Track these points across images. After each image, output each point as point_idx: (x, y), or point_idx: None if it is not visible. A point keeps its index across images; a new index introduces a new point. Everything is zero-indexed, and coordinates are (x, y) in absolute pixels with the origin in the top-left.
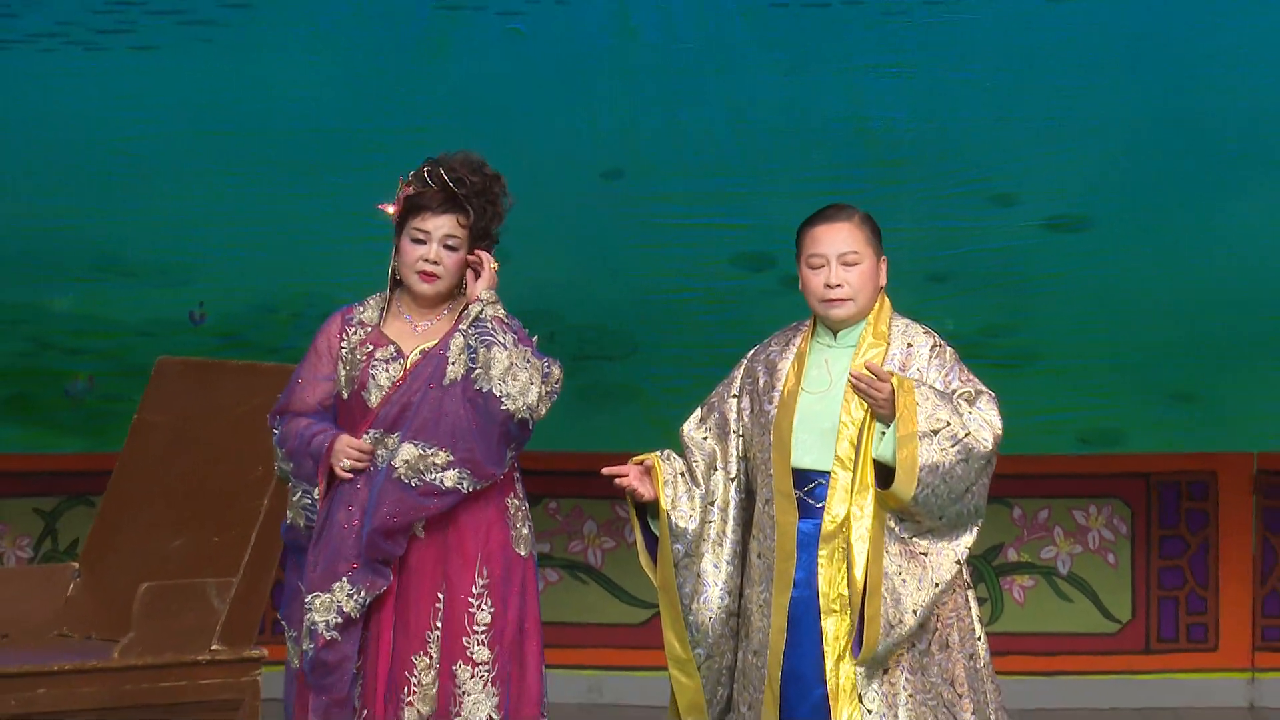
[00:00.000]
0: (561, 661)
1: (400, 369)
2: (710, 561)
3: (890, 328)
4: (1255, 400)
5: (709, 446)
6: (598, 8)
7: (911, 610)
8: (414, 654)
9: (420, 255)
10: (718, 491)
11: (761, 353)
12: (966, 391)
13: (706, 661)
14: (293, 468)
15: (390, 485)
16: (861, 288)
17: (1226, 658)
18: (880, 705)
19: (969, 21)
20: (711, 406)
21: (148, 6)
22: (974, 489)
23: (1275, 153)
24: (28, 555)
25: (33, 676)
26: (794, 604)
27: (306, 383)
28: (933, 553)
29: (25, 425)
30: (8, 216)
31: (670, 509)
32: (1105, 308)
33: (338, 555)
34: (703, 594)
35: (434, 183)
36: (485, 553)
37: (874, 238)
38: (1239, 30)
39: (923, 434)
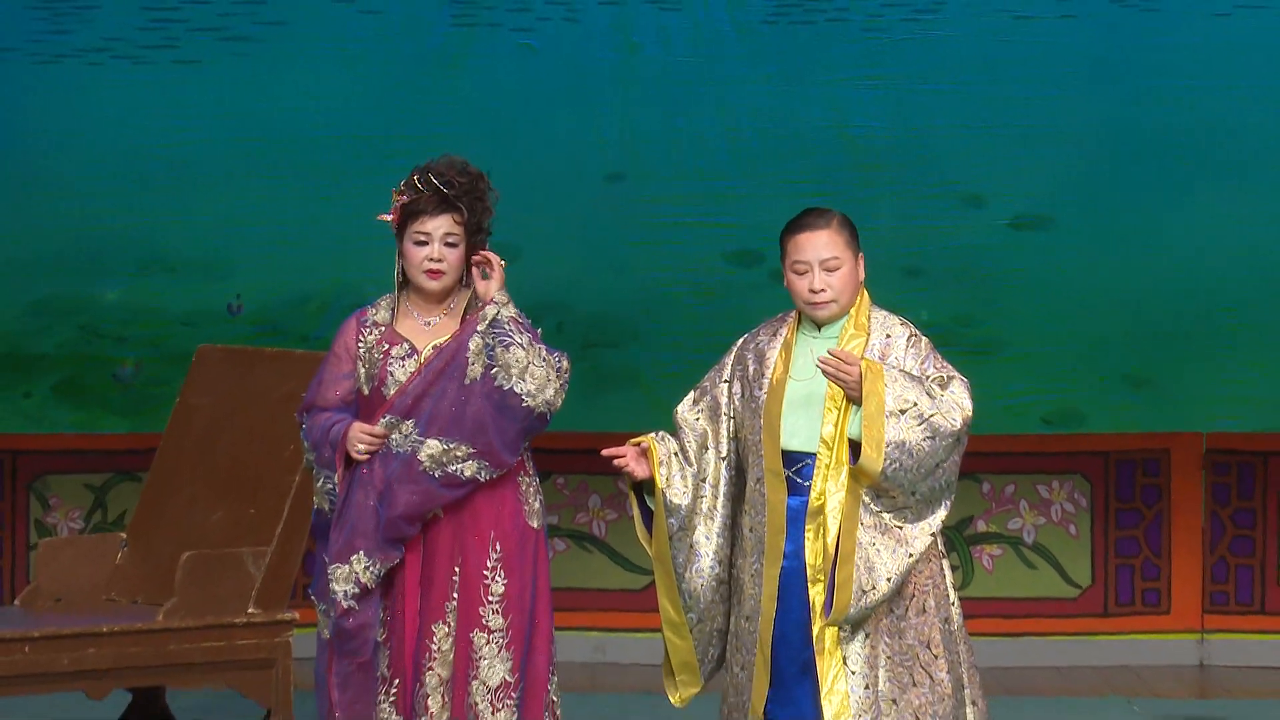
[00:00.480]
0: (568, 624)
1: (415, 365)
2: (702, 534)
3: (870, 319)
4: (1204, 385)
5: (701, 427)
6: (602, 25)
7: (885, 578)
8: (434, 623)
9: (425, 255)
10: (709, 469)
11: (751, 341)
12: (939, 376)
13: (698, 625)
14: (315, 457)
15: (414, 475)
16: (843, 289)
17: (1178, 620)
18: (862, 666)
19: (942, 38)
20: (704, 390)
21: (189, 24)
22: (944, 465)
23: (1220, 159)
24: (79, 526)
25: (84, 637)
26: (783, 574)
27: (329, 382)
28: (907, 527)
29: (77, 407)
30: (61, 217)
31: (665, 487)
32: (1066, 300)
33: (355, 531)
34: (695, 564)
35: (425, 188)
36: (499, 528)
37: (852, 240)
38: (1187, 50)
39: (890, 412)
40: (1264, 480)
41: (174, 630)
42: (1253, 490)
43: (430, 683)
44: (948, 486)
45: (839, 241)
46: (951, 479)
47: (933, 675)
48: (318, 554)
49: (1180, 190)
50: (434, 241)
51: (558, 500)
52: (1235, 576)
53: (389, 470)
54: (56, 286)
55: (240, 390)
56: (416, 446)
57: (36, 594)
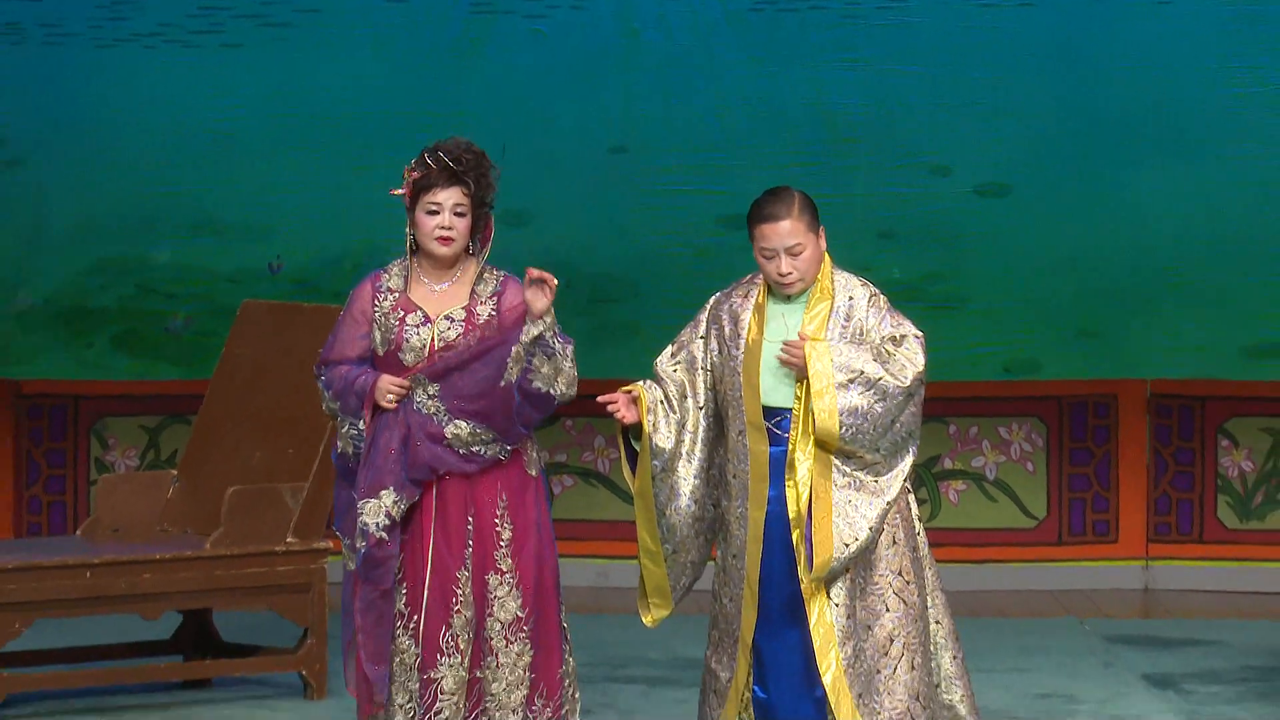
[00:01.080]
0: (576, 552)
1: (430, 331)
2: (682, 475)
3: (833, 282)
4: (1149, 336)
5: (679, 378)
6: (607, 13)
7: (867, 527)
8: (456, 570)
9: (437, 224)
10: (688, 417)
11: (725, 301)
12: (894, 335)
13: (673, 555)
14: (340, 405)
15: (438, 442)
16: (808, 268)
17: (1125, 548)
18: (843, 597)
19: (913, 24)
20: (681, 344)
21: (234, 11)
22: (900, 420)
23: (1165, 133)
24: (135, 464)
25: (140, 564)
26: (768, 518)
27: (347, 341)
28: (881, 479)
29: (133, 356)
30: (119, 185)
31: (652, 432)
32: (1024, 260)
33: (382, 470)
34: (675, 501)
35: (435, 164)
36: (504, 478)
37: (812, 221)
38: (1136, 34)
39: (839, 384)
40: (1202, 422)
41: (220, 558)
42: (1192, 431)
43: (457, 624)
44: (910, 435)
45: (800, 228)
46: (912, 428)
47: (905, 600)
48: (339, 495)
49: (1127, 162)
50: (444, 211)
51: (565, 440)
52: (1176, 509)
53: (411, 420)
54: (115, 248)
55: (280, 341)
56: (443, 420)
57: (96, 525)
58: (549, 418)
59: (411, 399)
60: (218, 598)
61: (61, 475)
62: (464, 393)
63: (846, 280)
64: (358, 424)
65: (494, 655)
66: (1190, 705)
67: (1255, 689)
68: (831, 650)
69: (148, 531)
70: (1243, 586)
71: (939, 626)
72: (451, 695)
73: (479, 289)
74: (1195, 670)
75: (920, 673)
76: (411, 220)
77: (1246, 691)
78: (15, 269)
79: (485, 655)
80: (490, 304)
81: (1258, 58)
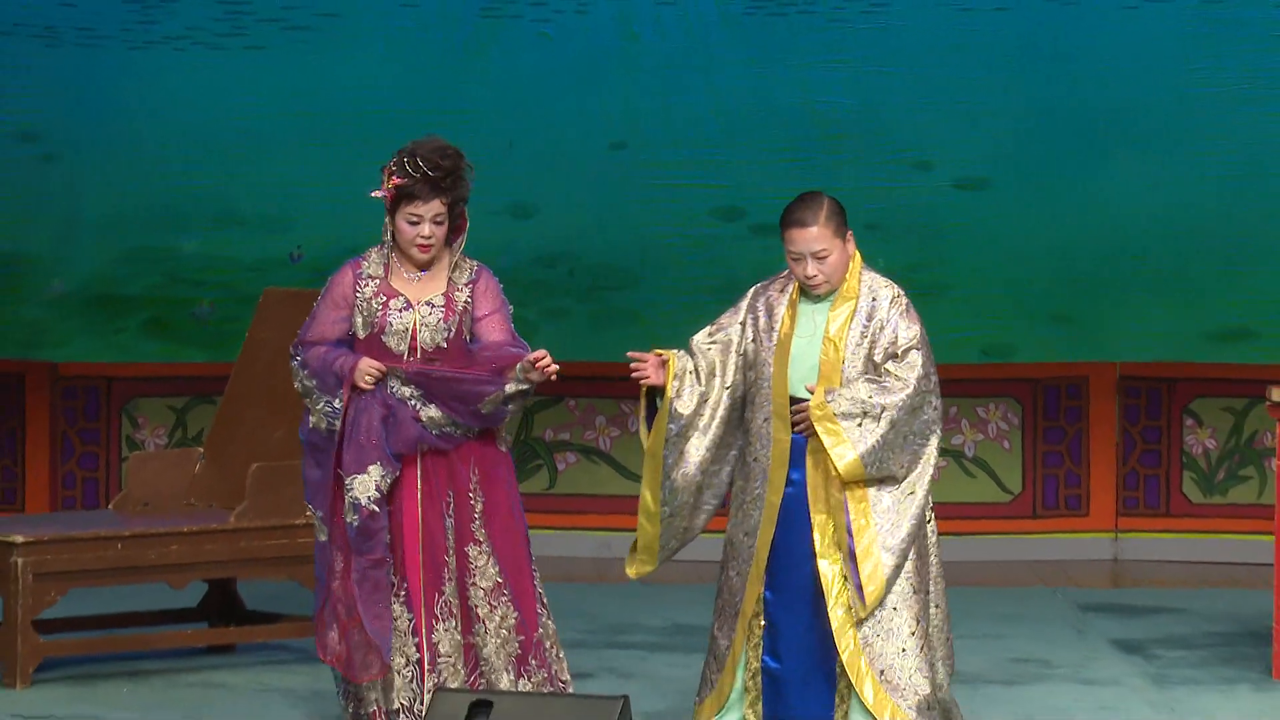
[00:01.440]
0: (578, 525)
1: (412, 316)
2: (694, 445)
3: (860, 284)
4: (1117, 322)
5: (712, 356)
6: (608, 18)
7: (910, 521)
8: (444, 539)
9: (417, 234)
10: (712, 394)
11: (763, 293)
12: (896, 350)
13: (669, 518)
14: (317, 383)
15: (414, 424)
16: (833, 271)
17: (1095, 521)
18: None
19: (896, 27)
20: (720, 326)
21: (257, 15)
22: (913, 432)
23: (1132, 131)
24: (163, 442)
25: (168, 536)
26: (787, 499)
27: (327, 323)
28: (909, 479)
29: (161, 340)
30: (148, 179)
31: (675, 397)
32: (1001, 250)
33: (367, 447)
34: (681, 468)
35: (415, 173)
36: (477, 454)
37: (839, 227)
38: (1102, 38)
39: (846, 426)
40: (1168, 402)
41: (244, 530)
42: (1159, 411)
43: (449, 590)
44: (926, 434)
45: (826, 234)
46: (927, 420)
47: (909, 579)
48: (308, 471)
49: (1097, 157)
50: (425, 222)
51: (569, 420)
52: (1144, 484)
53: (390, 401)
54: (145, 238)
55: (300, 326)
56: (418, 404)
57: (127, 500)
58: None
59: (387, 383)
60: (241, 568)
61: (95, 453)
62: (438, 395)
63: (873, 281)
64: (333, 402)
65: (481, 622)
66: (1157, 669)
67: (1218, 654)
68: (849, 630)
69: (175, 505)
70: (1206, 557)
71: (937, 610)
72: (449, 657)
73: (455, 276)
74: (1161, 636)
75: (938, 650)
76: (391, 222)
77: (1210, 656)
78: (51, 258)
79: (474, 622)
80: (466, 290)
81: (1218, 60)
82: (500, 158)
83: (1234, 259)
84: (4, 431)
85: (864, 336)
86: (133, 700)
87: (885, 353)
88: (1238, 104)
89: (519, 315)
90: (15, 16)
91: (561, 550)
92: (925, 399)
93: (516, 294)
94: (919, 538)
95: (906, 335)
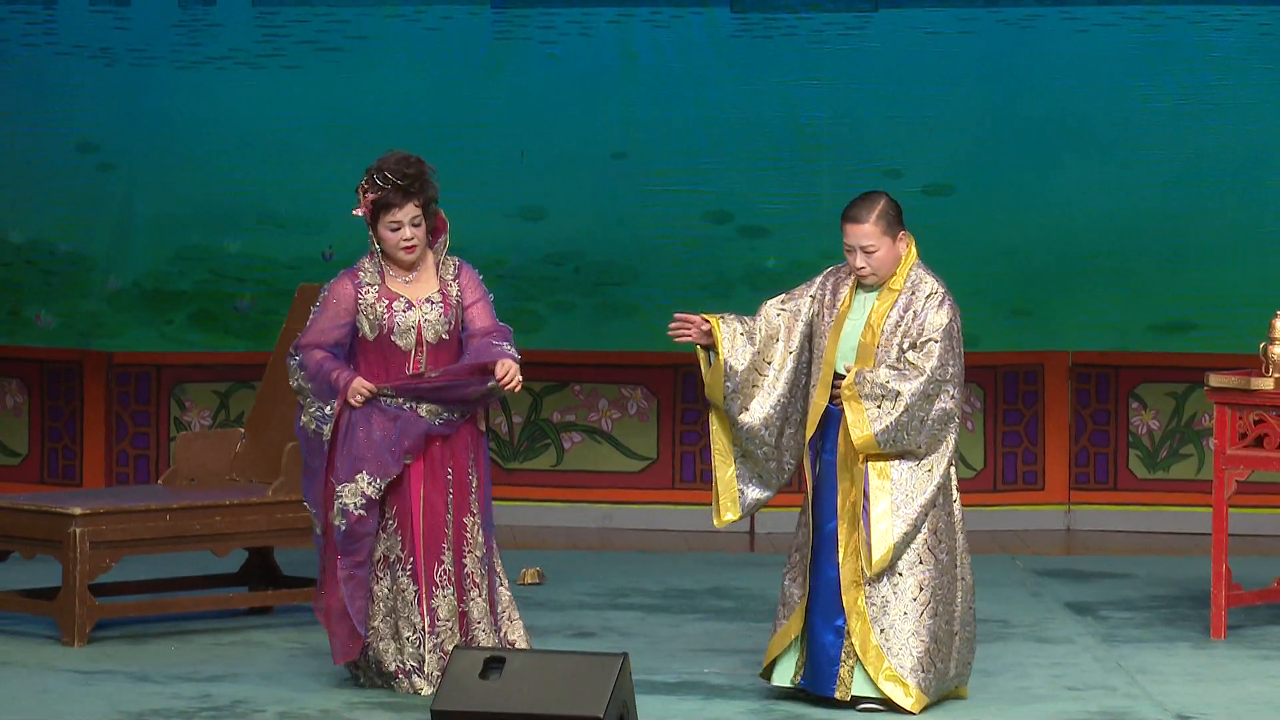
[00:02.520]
0: (584, 499)
1: (416, 314)
2: (757, 401)
3: (906, 280)
4: (1069, 314)
5: (777, 322)
6: (609, 39)
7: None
8: (444, 514)
9: (400, 238)
10: (775, 356)
11: (834, 274)
12: (916, 339)
13: (741, 459)
14: (312, 387)
15: (417, 422)
16: (880, 265)
17: (1050, 495)
18: None
19: (871, 49)
20: (793, 296)
21: (294, 37)
22: (931, 412)
23: (1082, 141)
24: (208, 423)
25: (212, 508)
26: (823, 465)
27: (329, 329)
28: (927, 458)
29: (206, 331)
30: (197, 185)
31: (728, 355)
32: (965, 249)
33: (359, 457)
34: (746, 415)
35: (386, 185)
36: (469, 433)
37: (891, 225)
38: (1056, 57)
39: (869, 408)
40: (1116, 387)
41: (280, 503)
42: (1107, 395)
43: (447, 560)
44: (945, 422)
45: (876, 232)
46: (945, 415)
47: (936, 556)
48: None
49: (1050, 164)
50: (404, 226)
51: (575, 403)
52: (1094, 461)
53: (391, 411)
54: (192, 238)
55: None
56: (414, 404)
57: (175, 475)
58: None
59: (378, 401)
60: (278, 537)
61: (146, 433)
62: (431, 401)
63: (919, 277)
64: (324, 409)
65: (476, 588)
66: (1106, 629)
67: (1161, 615)
68: (854, 587)
69: (219, 481)
70: (1150, 528)
71: (962, 584)
72: (447, 621)
73: (443, 274)
74: (1110, 599)
75: (941, 620)
76: (375, 234)
77: (1153, 617)
78: (107, 257)
79: (468, 590)
80: (455, 285)
81: (1160, 75)
82: (513, 166)
83: (1174, 257)
84: (64, 414)
85: (898, 326)
86: (180, 657)
87: (911, 342)
88: (1176, 117)
89: (529, 309)
90: (75, 39)
91: (568, 522)
92: (941, 388)
93: (527, 289)
94: (941, 519)
95: (931, 328)
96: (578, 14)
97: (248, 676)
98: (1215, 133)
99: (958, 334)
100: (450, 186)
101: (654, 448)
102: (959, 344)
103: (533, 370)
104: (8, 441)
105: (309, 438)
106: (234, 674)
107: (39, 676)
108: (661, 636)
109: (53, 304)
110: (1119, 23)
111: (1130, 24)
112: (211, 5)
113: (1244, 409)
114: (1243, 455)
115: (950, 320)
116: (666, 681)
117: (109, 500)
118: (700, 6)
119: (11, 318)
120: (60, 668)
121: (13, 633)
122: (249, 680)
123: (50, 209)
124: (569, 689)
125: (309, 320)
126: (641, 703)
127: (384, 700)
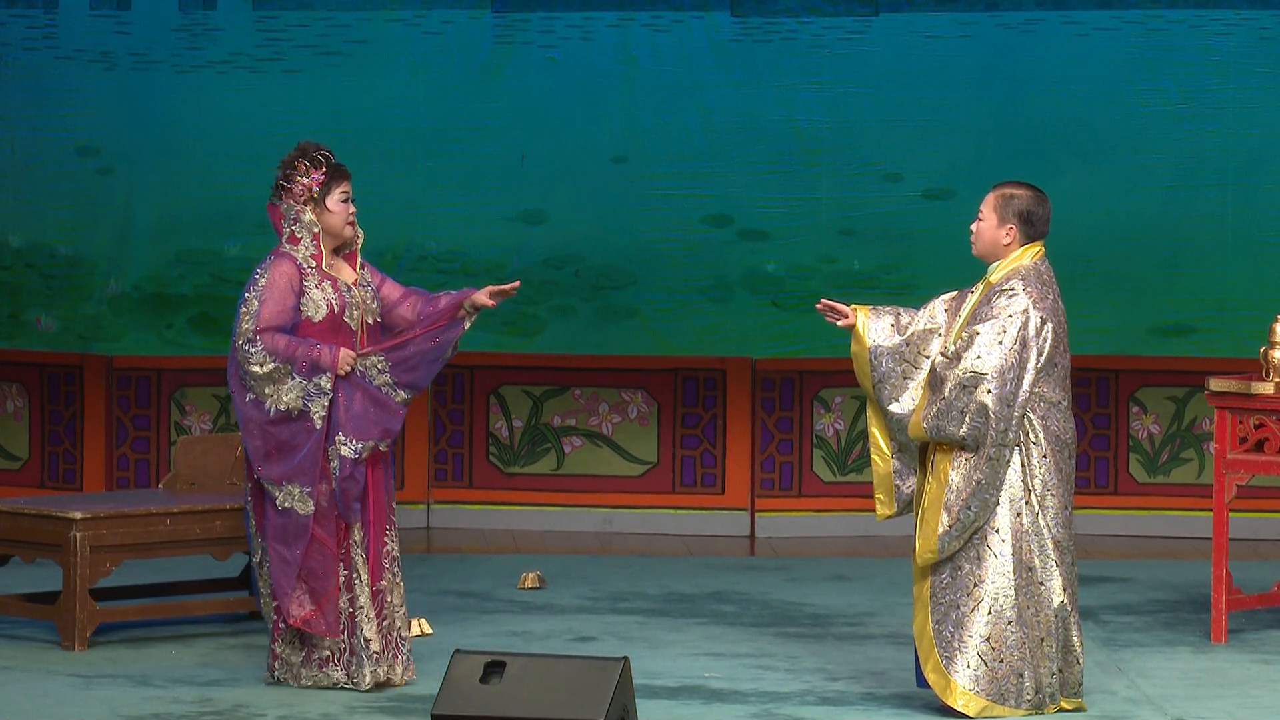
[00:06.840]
0: (584, 502)
1: (358, 294)
2: (909, 394)
3: (1001, 279)
4: (1071, 318)
5: (941, 319)
6: (609, 43)
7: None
8: (385, 497)
9: (349, 210)
10: (932, 349)
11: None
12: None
13: (898, 453)
14: (292, 367)
15: (393, 408)
16: (979, 236)
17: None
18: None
19: (869, 52)
20: (960, 292)
21: (294, 42)
22: (970, 405)
23: (1081, 145)
24: (208, 427)
25: (213, 512)
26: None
27: (281, 311)
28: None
29: (206, 335)
30: (197, 189)
31: (873, 346)
32: (963, 253)
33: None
34: (895, 406)
35: (327, 162)
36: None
37: (1003, 207)
38: (1055, 62)
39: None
40: (1115, 391)
41: None
42: (1107, 399)
43: (390, 545)
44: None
45: (990, 203)
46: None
47: (997, 555)
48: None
49: (1049, 168)
50: (350, 200)
51: (575, 408)
52: (1095, 465)
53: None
54: (193, 243)
55: None
56: (391, 390)
57: (176, 479)
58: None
59: (356, 368)
60: None
61: (146, 437)
62: (416, 361)
63: (1012, 284)
64: (309, 385)
65: (395, 575)
66: (1107, 633)
67: (1161, 619)
68: (922, 577)
69: (219, 485)
70: (1151, 532)
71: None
72: (400, 607)
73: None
74: (1111, 603)
75: (1005, 624)
76: (320, 211)
77: (1154, 621)
78: (108, 261)
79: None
80: (364, 271)
81: (1159, 80)
82: (513, 169)
83: (1174, 262)
84: (64, 418)
85: (974, 319)
86: (180, 661)
87: (969, 335)
88: (1175, 121)
89: (529, 312)
90: (76, 43)
91: (568, 525)
92: (979, 380)
93: (527, 293)
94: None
95: (982, 318)
96: (578, 18)
97: (248, 681)
98: (1215, 137)
99: (1020, 333)
100: (451, 190)
101: (654, 452)
102: (1023, 346)
103: (533, 374)
104: (8, 445)
105: (291, 418)
106: (234, 678)
107: (39, 681)
108: (662, 641)
109: (53, 308)
110: (1119, 27)
111: (1130, 28)
112: (212, 9)
113: (1244, 413)
114: (1243, 459)
115: (1013, 316)
116: (667, 686)
117: (109, 504)
118: (700, 10)
119: (12, 321)
120: (61, 672)
121: (13, 637)
122: (249, 684)
123: (51, 213)
124: (569, 693)
125: (253, 306)
126: (642, 707)
127: (383, 704)
